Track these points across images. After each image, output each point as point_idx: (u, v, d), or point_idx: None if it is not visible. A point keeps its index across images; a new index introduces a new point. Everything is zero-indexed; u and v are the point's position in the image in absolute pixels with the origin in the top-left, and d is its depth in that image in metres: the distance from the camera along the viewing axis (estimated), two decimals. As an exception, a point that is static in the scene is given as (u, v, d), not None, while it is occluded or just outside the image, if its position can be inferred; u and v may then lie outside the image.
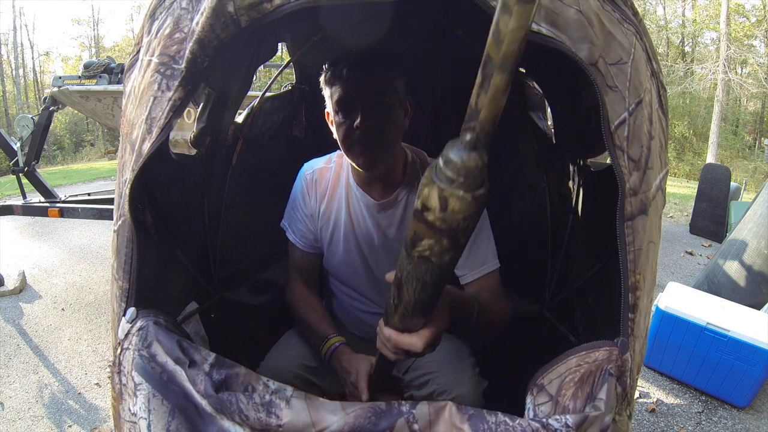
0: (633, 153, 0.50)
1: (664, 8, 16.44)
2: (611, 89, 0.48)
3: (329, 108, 0.89)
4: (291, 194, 1.04)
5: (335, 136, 0.89)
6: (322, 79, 0.88)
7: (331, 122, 0.90)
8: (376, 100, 0.82)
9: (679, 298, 1.87)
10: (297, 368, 0.96)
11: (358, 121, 0.81)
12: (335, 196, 0.99)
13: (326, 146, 1.06)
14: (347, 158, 0.90)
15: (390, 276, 0.55)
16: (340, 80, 0.83)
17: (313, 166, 1.03)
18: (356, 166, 0.88)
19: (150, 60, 0.57)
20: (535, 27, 0.45)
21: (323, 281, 1.15)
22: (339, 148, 0.92)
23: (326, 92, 0.88)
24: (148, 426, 0.47)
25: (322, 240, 1.03)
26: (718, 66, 11.97)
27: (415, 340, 0.58)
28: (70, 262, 3.27)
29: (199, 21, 0.51)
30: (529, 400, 0.54)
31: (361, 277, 1.03)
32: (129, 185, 0.55)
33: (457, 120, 1.48)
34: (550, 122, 1.24)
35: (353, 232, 0.99)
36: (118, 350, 0.54)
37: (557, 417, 0.48)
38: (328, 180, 1.00)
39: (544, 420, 0.48)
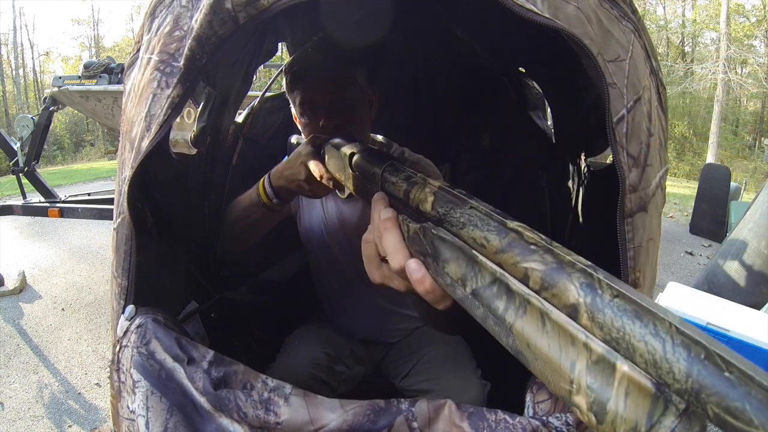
0: (632, 150, 0.50)
1: (664, 8, 16.45)
2: (610, 86, 0.48)
3: (294, 110, 0.91)
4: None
5: (303, 135, 0.91)
6: (285, 81, 0.89)
7: (299, 123, 0.92)
8: (338, 99, 0.84)
9: (679, 298, 1.87)
10: (310, 367, 0.96)
11: (322, 121, 0.83)
12: None
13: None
14: None
15: None
16: (301, 83, 0.85)
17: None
18: None
19: (150, 58, 0.57)
20: (536, 8, 0.46)
21: (312, 291, 1.17)
22: None
23: (289, 96, 0.89)
24: (147, 423, 0.47)
25: (300, 213, 1.04)
26: (718, 66, 11.99)
27: (449, 298, 0.37)
28: (70, 262, 3.27)
29: (197, 18, 0.51)
30: (528, 397, 0.54)
31: (334, 267, 1.04)
32: (128, 182, 0.55)
33: (456, 118, 1.49)
34: (550, 122, 1.24)
35: (325, 223, 1.01)
36: (117, 348, 0.54)
37: (557, 415, 0.48)
38: None
39: (544, 418, 0.48)
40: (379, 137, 1.04)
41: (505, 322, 0.28)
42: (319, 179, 0.73)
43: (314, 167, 0.73)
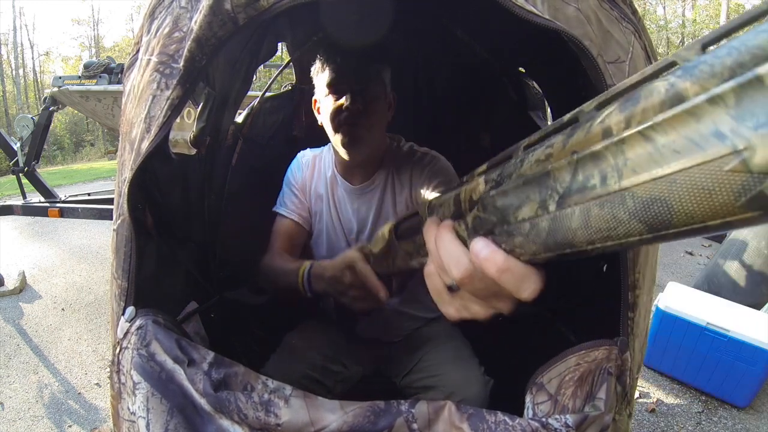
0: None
1: (664, 8, 16.44)
2: (609, 88, 0.48)
3: (319, 93, 0.93)
4: (284, 178, 1.08)
5: (321, 121, 0.94)
6: (315, 65, 0.91)
7: (317, 109, 0.95)
8: (365, 85, 0.87)
9: (679, 298, 1.87)
10: (304, 367, 0.96)
11: (348, 102, 0.85)
12: (324, 182, 1.03)
13: (326, 144, 1.07)
14: (332, 141, 0.93)
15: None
16: (333, 65, 0.87)
17: (307, 153, 1.08)
18: (341, 147, 0.90)
19: (149, 59, 0.57)
20: (536, 10, 0.46)
21: None
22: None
23: (319, 77, 0.91)
24: (147, 425, 0.47)
25: (313, 219, 1.05)
26: (718, 66, 11.97)
27: (532, 276, 0.30)
28: (70, 262, 3.27)
29: (197, 20, 0.51)
30: (528, 399, 0.54)
31: None
32: (128, 184, 0.55)
33: (456, 118, 1.49)
34: (550, 122, 1.24)
35: (338, 218, 1.02)
36: (117, 349, 0.54)
37: (557, 416, 0.48)
38: (320, 166, 1.05)
39: (543, 419, 0.48)
40: (389, 135, 1.05)
41: (611, 181, 0.22)
42: (365, 281, 0.66)
43: (362, 267, 0.65)
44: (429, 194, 0.94)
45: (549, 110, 1.21)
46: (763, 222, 0.17)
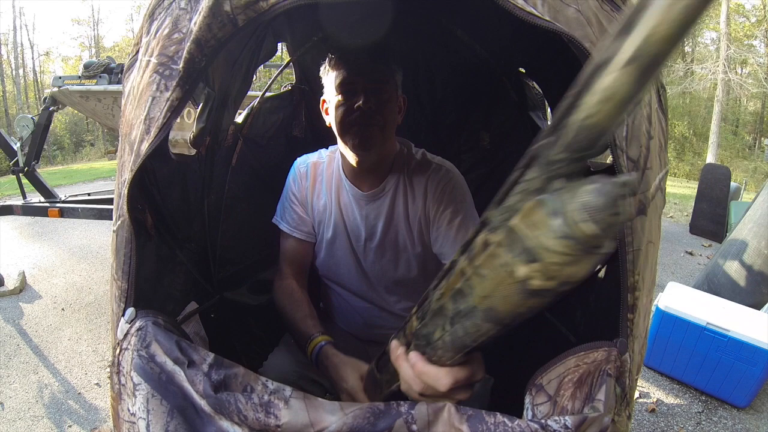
0: (632, 153, 0.50)
1: (665, 8, 16.38)
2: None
3: (328, 93, 0.90)
4: (284, 188, 1.05)
5: (329, 122, 0.91)
6: (324, 65, 0.89)
7: (326, 110, 0.92)
8: (378, 85, 0.85)
9: (679, 298, 1.87)
10: (300, 367, 0.96)
11: (360, 102, 0.83)
12: (327, 188, 1.00)
13: (326, 146, 1.07)
14: (341, 143, 0.91)
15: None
16: (347, 64, 0.86)
17: (306, 160, 1.04)
18: (351, 149, 0.88)
19: (149, 60, 0.57)
20: (536, 11, 0.46)
21: (315, 283, 1.16)
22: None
23: (328, 77, 0.89)
24: (147, 426, 0.47)
25: (316, 230, 1.03)
26: (718, 66, 11.98)
27: (441, 376, 0.47)
28: (70, 262, 3.27)
29: (196, 21, 0.51)
30: (527, 400, 0.54)
31: (352, 273, 1.03)
32: (127, 185, 0.55)
33: (457, 117, 1.49)
34: (549, 122, 1.24)
35: (343, 225, 0.99)
36: (117, 350, 0.54)
37: (556, 418, 0.48)
38: (321, 173, 1.01)
39: (542, 421, 0.48)
40: (398, 139, 1.04)
41: (469, 303, 0.38)
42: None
43: (362, 400, 0.75)
44: (443, 216, 0.91)
45: (549, 110, 1.21)
46: (545, 303, 0.32)
